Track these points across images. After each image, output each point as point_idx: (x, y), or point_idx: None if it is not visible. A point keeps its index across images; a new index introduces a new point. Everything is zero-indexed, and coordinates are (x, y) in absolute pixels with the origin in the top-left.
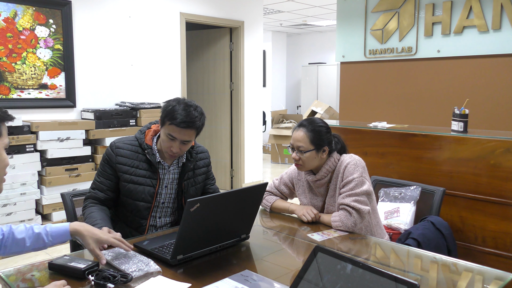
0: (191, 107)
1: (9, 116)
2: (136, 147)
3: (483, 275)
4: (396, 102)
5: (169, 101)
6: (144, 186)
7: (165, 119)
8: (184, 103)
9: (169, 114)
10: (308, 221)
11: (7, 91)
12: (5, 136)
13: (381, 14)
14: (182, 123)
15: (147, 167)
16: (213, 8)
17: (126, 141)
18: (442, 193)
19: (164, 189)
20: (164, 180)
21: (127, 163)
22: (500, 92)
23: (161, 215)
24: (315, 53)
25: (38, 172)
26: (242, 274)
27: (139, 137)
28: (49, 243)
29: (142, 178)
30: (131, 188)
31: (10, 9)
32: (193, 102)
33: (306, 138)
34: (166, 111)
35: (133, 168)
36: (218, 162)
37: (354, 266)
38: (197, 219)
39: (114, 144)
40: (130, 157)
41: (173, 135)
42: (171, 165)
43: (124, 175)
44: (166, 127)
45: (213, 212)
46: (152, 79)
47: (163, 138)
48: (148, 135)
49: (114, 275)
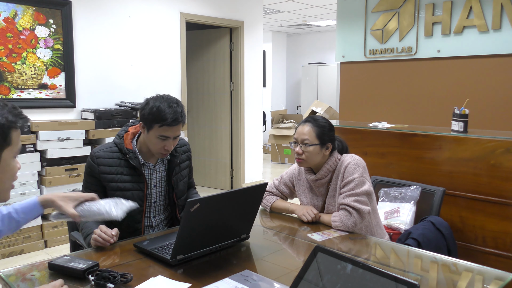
0: (173, 102)
1: (18, 122)
2: (116, 153)
3: (483, 275)
4: (396, 102)
5: (148, 103)
6: (132, 191)
7: (152, 123)
8: (165, 100)
9: (157, 116)
10: (308, 221)
11: (7, 91)
12: (16, 144)
13: (381, 14)
14: (173, 121)
15: (131, 171)
16: (213, 8)
17: (105, 149)
18: (442, 193)
19: (154, 188)
20: (152, 180)
21: (110, 172)
22: (500, 92)
23: (155, 214)
24: (315, 53)
25: (38, 172)
26: (242, 274)
27: (118, 143)
28: (22, 220)
29: (129, 183)
30: (119, 196)
31: (10, 9)
32: (171, 97)
33: (312, 133)
34: (152, 113)
35: (117, 175)
36: (218, 162)
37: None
38: (197, 219)
39: (94, 154)
40: (112, 164)
41: (165, 135)
42: (156, 164)
43: (110, 184)
44: (156, 130)
45: (213, 212)
46: (152, 79)
47: (153, 141)
48: (126, 139)
49: (114, 275)
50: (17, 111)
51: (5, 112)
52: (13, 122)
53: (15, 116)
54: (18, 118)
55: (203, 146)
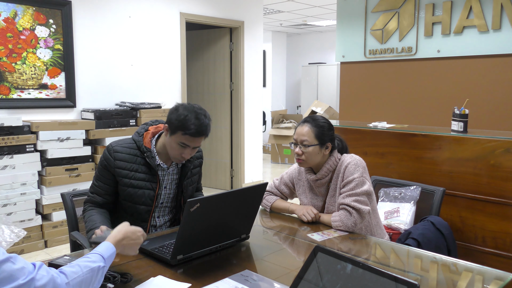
0: (202, 115)
1: None
2: (134, 150)
3: (483, 275)
4: (396, 102)
5: (178, 109)
6: (144, 190)
7: (177, 129)
8: (195, 111)
9: (182, 124)
10: (308, 221)
11: (7, 91)
12: None
13: (381, 14)
14: (197, 133)
15: (146, 170)
16: (213, 8)
17: (124, 144)
18: (442, 193)
19: (164, 190)
20: (164, 181)
21: (126, 167)
22: (500, 92)
23: (159, 215)
24: (315, 53)
25: (38, 172)
26: (242, 274)
27: (137, 140)
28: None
29: (142, 181)
30: (131, 192)
31: (10, 9)
32: (201, 109)
33: (311, 133)
34: (179, 120)
35: (132, 172)
36: (218, 162)
37: (354, 266)
38: (197, 219)
39: (112, 147)
40: (128, 160)
41: (186, 143)
42: (170, 166)
43: (123, 179)
44: (179, 137)
45: (213, 212)
46: (152, 79)
47: (173, 146)
48: (146, 137)
49: (114, 275)
50: None
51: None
52: None
53: None
54: None
55: (203, 146)
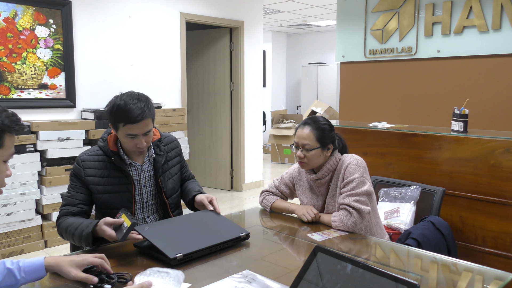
0: (134, 99)
1: (14, 128)
2: (102, 156)
3: (483, 275)
4: (396, 102)
5: (110, 103)
6: (120, 193)
7: (116, 123)
8: (125, 98)
9: (118, 115)
10: (308, 221)
11: (7, 91)
12: (8, 148)
13: (381, 14)
14: (136, 118)
15: (118, 173)
16: (213, 8)
17: (90, 153)
18: (442, 193)
19: (144, 188)
20: (141, 180)
21: (96, 174)
22: (500, 92)
23: (149, 214)
24: (315, 53)
25: (38, 172)
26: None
27: (103, 146)
28: (21, 279)
29: (116, 186)
30: (107, 198)
31: (10, 9)
32: (132, 93)
33: (312, 136)
34: (113, 114)
35: (104, 178)
36: (218, 162)
37: (354, 266)
38: (158, 231)
39: (80, 158)
40: (98, 167)
41: (132, 133)
42: (143, 164)
43: (96, 187)
44: (122, 129)
45: (171, 227)
46: (152, 79)
47: (124, 140)
48: (110, 141)
49: (112, 277)
50: (15, 118)
51: (3, 116)
52: (9, 127)
53: (12, 122)
54: (14, 124)
55: (203, 146)
